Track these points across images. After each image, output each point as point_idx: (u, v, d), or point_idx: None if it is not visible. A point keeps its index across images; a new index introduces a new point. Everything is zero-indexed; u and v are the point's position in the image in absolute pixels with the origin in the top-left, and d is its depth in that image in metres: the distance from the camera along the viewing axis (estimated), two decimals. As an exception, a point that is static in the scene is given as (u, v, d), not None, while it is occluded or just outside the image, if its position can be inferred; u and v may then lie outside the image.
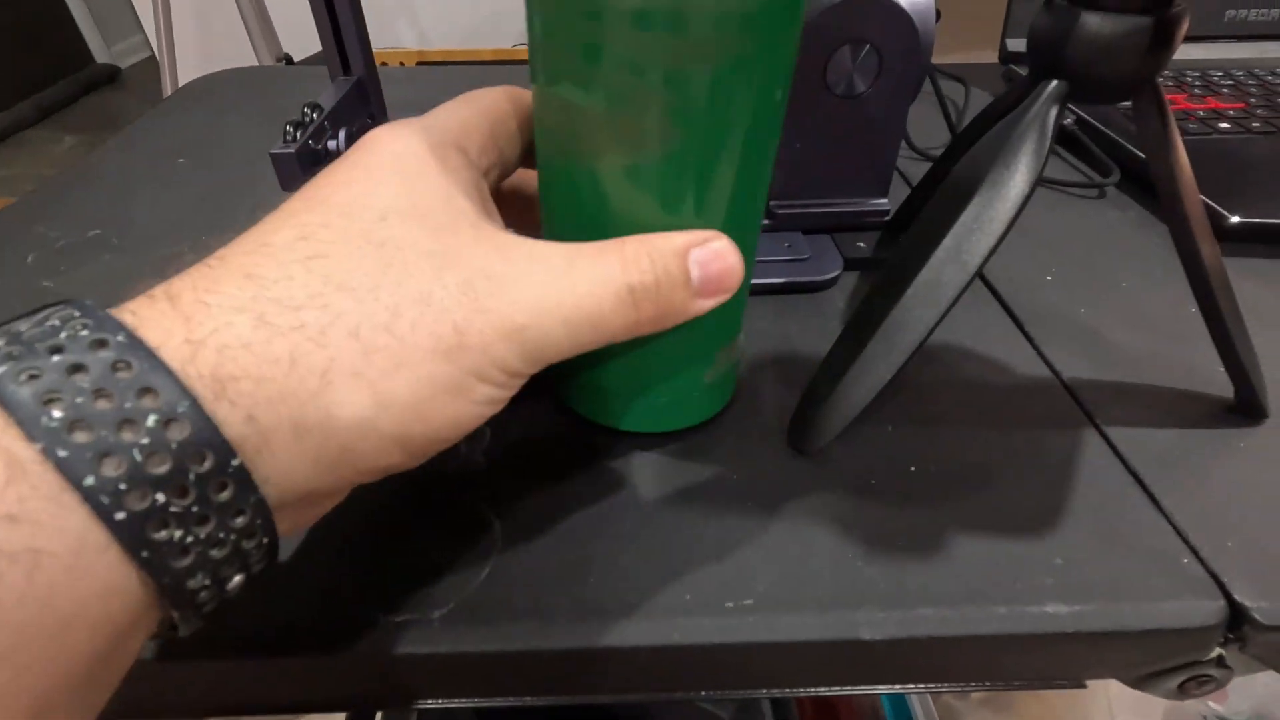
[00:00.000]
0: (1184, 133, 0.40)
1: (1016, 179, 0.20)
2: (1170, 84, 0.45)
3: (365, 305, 0.14)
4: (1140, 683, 0.20)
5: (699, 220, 0.18)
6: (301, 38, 1.64)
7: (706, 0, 0.15)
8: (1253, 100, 0.43)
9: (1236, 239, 0.33)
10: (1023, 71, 0.45)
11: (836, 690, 0.20)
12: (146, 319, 0.13)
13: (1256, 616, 0.18)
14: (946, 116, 0.43)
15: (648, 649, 0.18)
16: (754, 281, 0.30)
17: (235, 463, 0.12)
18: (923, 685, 0.20)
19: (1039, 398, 0.25)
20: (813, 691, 0.21)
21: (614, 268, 0.16)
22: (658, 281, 0.16)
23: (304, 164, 0.31)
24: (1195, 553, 0.20)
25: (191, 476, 0.12)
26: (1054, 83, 0.19)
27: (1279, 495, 0.21)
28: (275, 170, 0.31)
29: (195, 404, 0.12)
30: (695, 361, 0.22)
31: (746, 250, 0.21)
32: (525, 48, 0.19)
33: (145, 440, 0.11)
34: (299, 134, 0.32)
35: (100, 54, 2.90)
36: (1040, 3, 0.20)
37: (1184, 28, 0.18)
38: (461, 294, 0.14)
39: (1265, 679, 0.53)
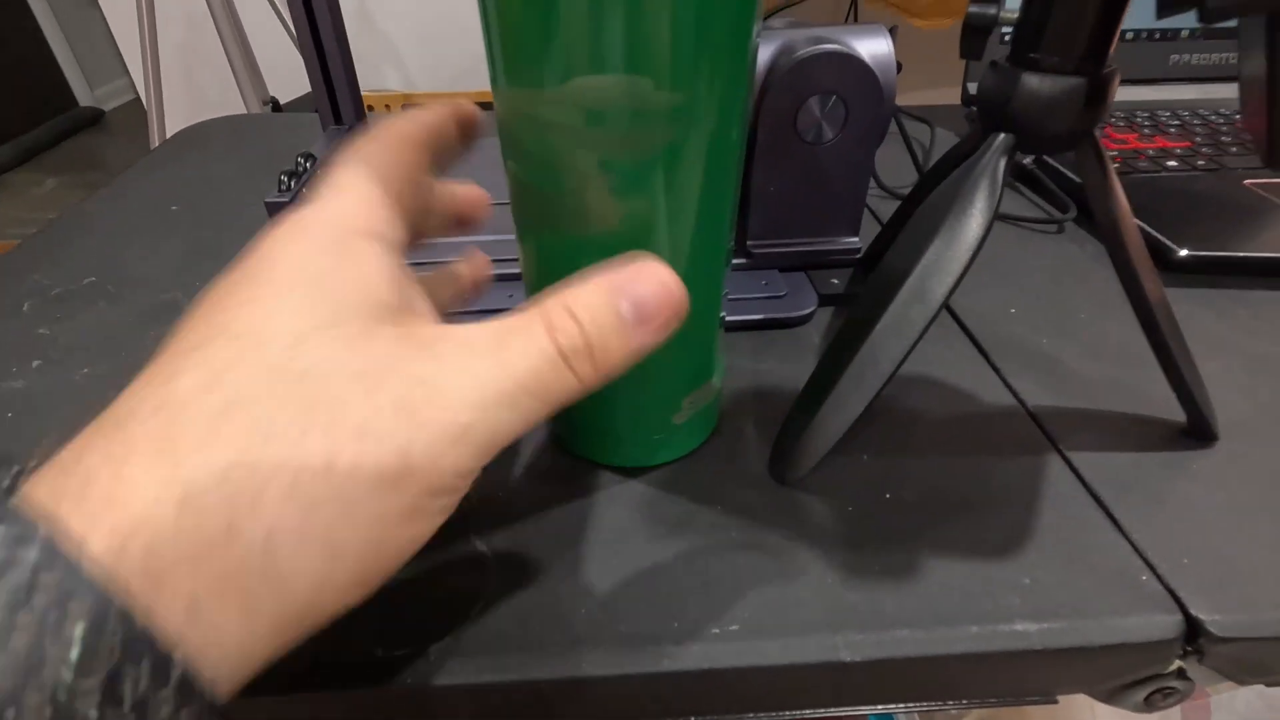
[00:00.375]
0: (1135, 170, 0.42)
1: (972, 224, 0.21)
2: (1122, 124, 0.48)
3: (298, 454, 0.12)
4: (1109, 696, 0.21)
5: (677, 242, 0.20)
6: (287, 81, 1.67)
7: (623, 102, 0.17)
8: (1198, 139, 0.45)
9: (1185, 270, 0.35)
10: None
11: (821, 712, 0.21)
12: (66, 509, 0.11)
13: (1211, 629, 0.20)
14: (913, 156, 0.45)
15: (639, 677, 0.19)
16: (733, 318, 0.32)
17: (176, 673, 0.11)
18: (902, 705, 0.21)
19: (1006, 425, 0.26)
20: (798, 714, 0.21)
21: (541, 337, 0.15)
22: (586, 337, 0.15)
23: (298, 212, 0.32)
24: (1153, 570, 0.21)
25: (127, 687, 0.11)
26: (1002, 136, 0.21)
27: (1230, 513, 0.23)
28: (270, 218, 0.32)
29: (127, 611, 0.11)
30: (661, 408, 0.23)
31: (713, 296, 0.22)
32: None
33: (74, 653, 0.10)
34: (293, 183, 0.33)
35: (84, 97, 2.92)
36: (987, 65, 0.22)
37: (1115, 87, 0.20)
38: (398, 414, 0.13)
39: (1247, 695, 0.54)
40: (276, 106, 1.34)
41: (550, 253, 0.21)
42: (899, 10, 1.30)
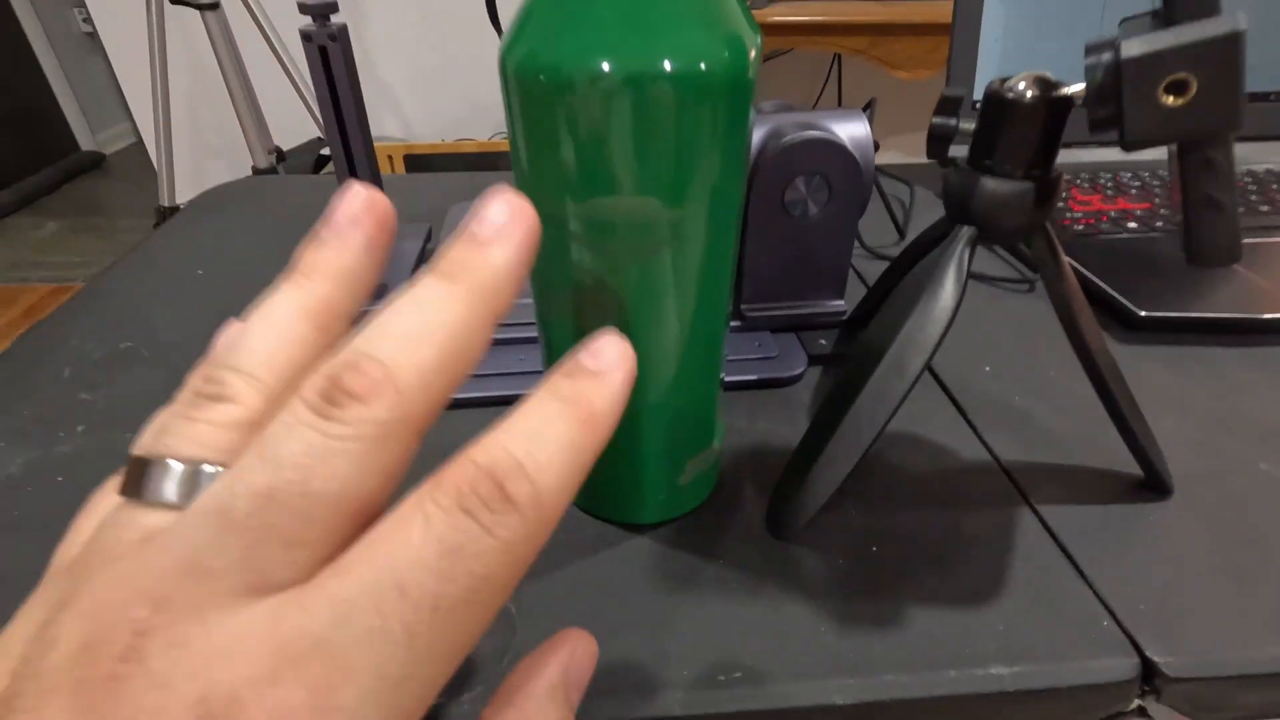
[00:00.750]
0: (1099, 232, 0.45)
1: (942, 304, 0.24)
2: (1086, 186, 0.51)
3: None
4: (1079, 734, 0.23)
5: (670, 346, 0.23)
6: (289, 128, 1.71)
7: (632, 217, 0.20)
8: (1157, 200, 0.49)
9: (1146, 329, 0.38)
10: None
11: (818, 753, 0.23)
12: None
13: (1165, 670, 0.22)
14: (893, 219, 0.48)
15: (652, 721, 0.21)
16: (730, 378, 0.34)
17: None
18: (892, 745, 0.23)
19: (981, 479, 0.29)
20: (797, 755, 0.23)
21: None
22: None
23: (325, 283, 0.35)
24: (1113, 616, 0.23)
25: None
26: (966, 228, 0.24)
27: (1184, 562, 0.25)
28: (300, 289, 0.34)
29: None
30: (667, 471, 0.26)
31: (713, 369, 0.25)
32: (502, 139, 0.23)
33: None
34: (320, 255, 0.36)
35: (85, 141, 2.97)
36: (950, 165, 0.25)
37: (1060, 188, 0.23)
38: None
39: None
40: (281, 156, 1.38)
41: (565, 330, 0.23)
42: (880, 63, 1.36)
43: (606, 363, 0.14)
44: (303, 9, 0.38)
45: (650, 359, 0.23)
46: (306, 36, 0.39)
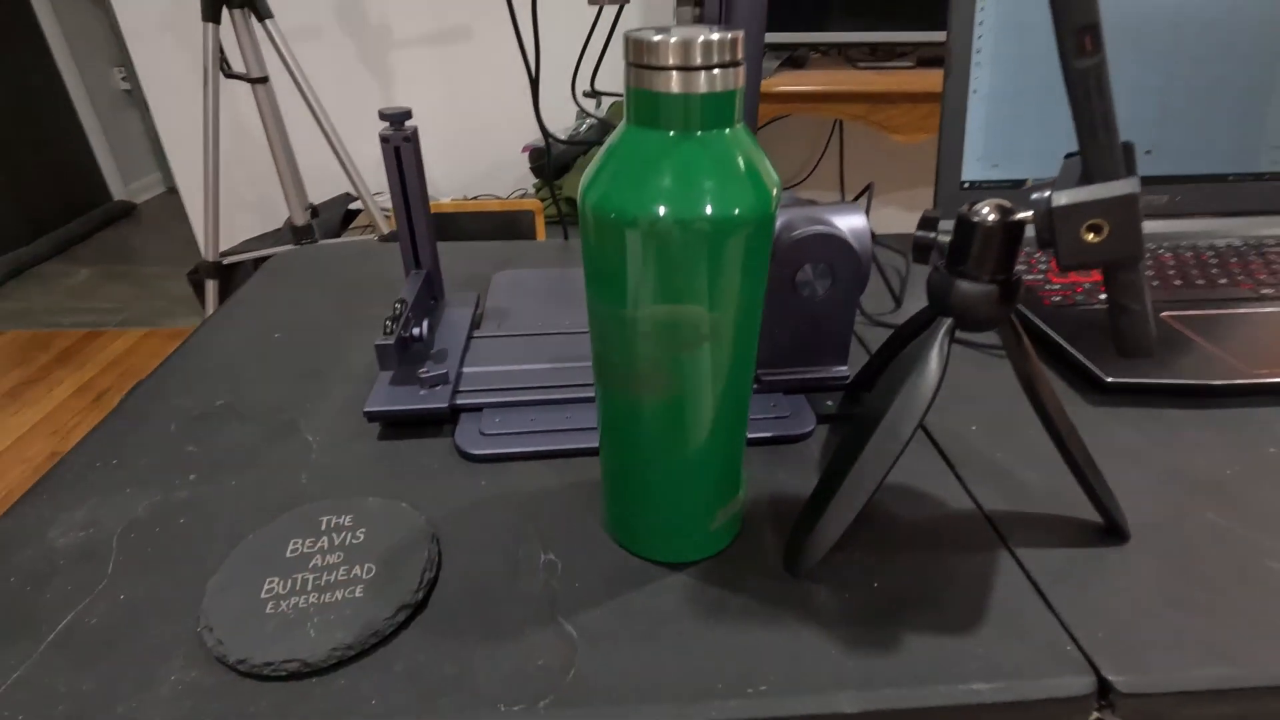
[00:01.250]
0: (1074, 303, 0.51)
1: (927, 382, 0.29)
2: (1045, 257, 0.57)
3: None
4: (1050, 744, 0.28)
5: (706, 414, 0.28)
6: (319, 184, 1.81)
7: (677, 316, 0.25)
8: (1127, 273, 0.55)
9: (1112, 393, 0.43)
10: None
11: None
12: None
13: (1119, 688, 0.26)
14: (890, 289, 0.54)
15: (694, 725, 0.25)
16: (749, 435, 0.39)
17: None
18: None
19: (966, 525, 0.34)
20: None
21: None
22: None
23: (398, 350, 0.41)
24: (1075, 642, 0.28)
25: None
26: (946, 320, 0.30)
27: (1137, 597, 0.30)
28: (378, 357, 0.40)
29: None
30: (701, 518, 0.31)
31: (740, 431, 0.30)
32: (522, 197, 0.29)
33: None
34: (394, 325, 0.41)
35: (118, 191, 3.10)
36: (931, 266, 0.30)
37: (1021, 288, 0.29)
38: None
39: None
40: (315, 212, 1.46)
41: (620, 399, 0.29)
42: (879, 128, 1.45)
43: None
44: (382, 116, 0.45)
45: (690, 425, 0.28)
46: (385, 139, 0.45)
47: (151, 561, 0.32)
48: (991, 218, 0.27)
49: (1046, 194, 0.25)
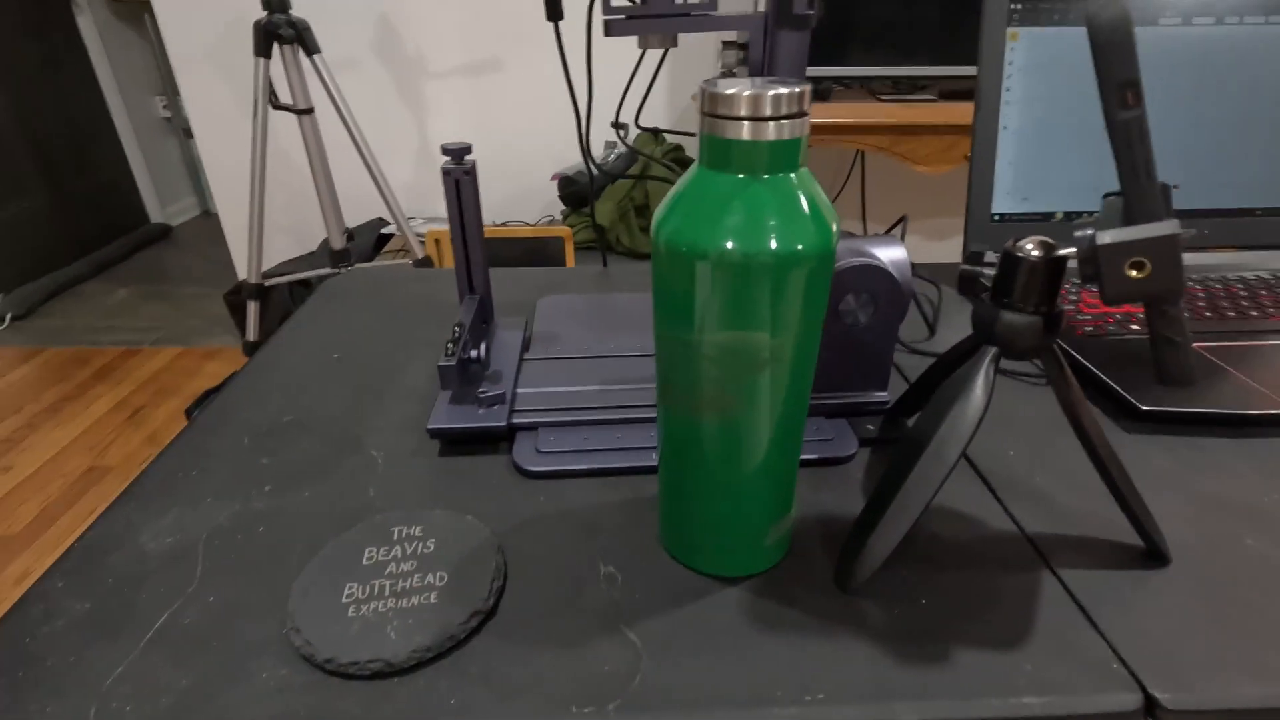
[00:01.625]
0: (1106, 333, 0.52)
1: (973, 407, 0.31)
2: (1095, 290, 0.59)
3: None
4: (1097, 759, 0.29)
5: (764, 435, 0.30)
6: (354, 207, 1.86)
7: (741, 343, 0.27)
8: (1158, 304, 0.56)
9: (1148, 421, 0.44)
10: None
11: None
12: None
13: (1165, 704, 0.27)
14: (924, 318, 0.56)
15: (755, 730, 0.27)
16: (794, 457, 0.41)
17: None
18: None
19: (1009, 546, 0.35)
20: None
21: None
22: None
23: (459, 371, 0.43)
24: (1121, 660, 0.29)
25: None
26: (991, 349, 0.31)
27: (1180, 618, 0.31)
28: (440, 377, 0.42)
29: None
30: (756, 535, 0.32)
31: (794, 452, 0.32)
32: (549, 224, 0.30)
33: None
34: (455, 348, 0.44)
35: (155, 214, 3.20)
36: (976, 296, 0.32)
37: (1064, 319, 0.30)
38: None
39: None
40: (350, 236, 1.51)
41: (683, 420, 0.31)
42: (902, 159, 1.47)
43: None
44: (445, 150, 0.48)
45: (749, 445, 0.30)
46: (446, 171, 0.48)
47: (236, 566, 0.34)
48: (1036, 253, 0.29)
49: (1090, 232, 0.27)
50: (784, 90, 0.25)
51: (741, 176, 0.26)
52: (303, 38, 1.29)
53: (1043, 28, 0.60)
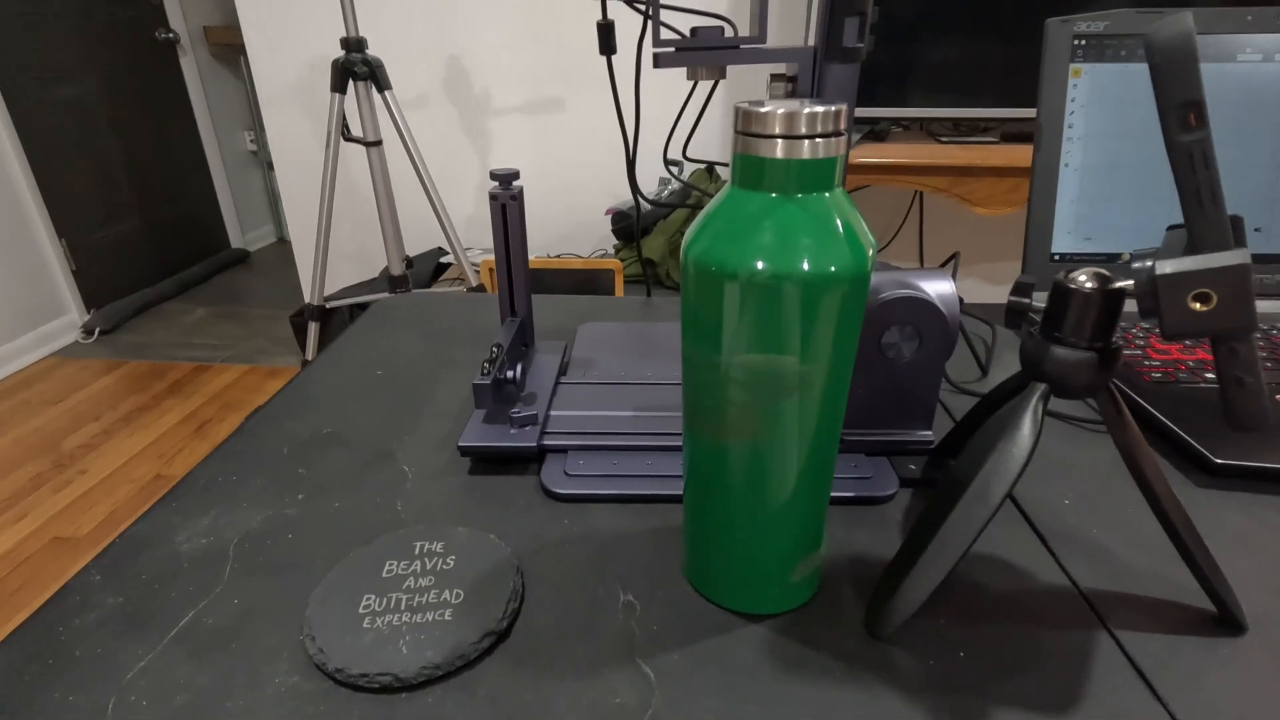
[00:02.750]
0: (1176, 381, 0.49)
1: (1020, 446, 0.29)
2: (1149, 326, 0.55)
3: None
4: (1159, 847, 0.26)
5: (793, 465, 0.28)
6: (415, 236, 1.92)
7: (770, 367, 0.26)
8: (1235, 353, 0.52)
9: (1222, 476, 0.40)
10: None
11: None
12: None
13: (1237, 790, 0.24)
14: (976, 358, 0.53)
15: (771, 780, 0.25)
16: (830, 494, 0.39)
17: None
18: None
19: (1059, 601, 0.32)
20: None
21: None
22: None
23: (494, 391, 0.43)
24: (1186, 735, 0.26)
25: None
26: (1041, 385, 0.29)
27: (1255, 691, 0.28)
28: (475, 396, 0.42)
29: None
30: (783, 570, 0.31)
31: (824, 487, 0.30)
32: (602, 257, 0.30)
33: None
34: (491, 367, 0.44)
35: (235, 240, 3.39)
36: (1024, 330, 0.30)
37: (1120, 357, 0.28)
38: None
39: None
40: (410, 264, 1.57)
41: (708, 446, 0.30)
42: (961, 200, 1.44)
43: None
44: (493, 176, 0.49)
45: (776, 474, 0.29)
46: (494, 196, 0.49)
47: (262, 570, 0.35)
48: (1089, 285, 0.27)
49: (1149, 263, 0.25)
50: (819, 108, 0.24)
51: (774, 196, 0.25)
52: (376, 75, 1.36)
53: (1107, 64, 0.58)
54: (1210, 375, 0.49)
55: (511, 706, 0.28)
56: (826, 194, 0.25)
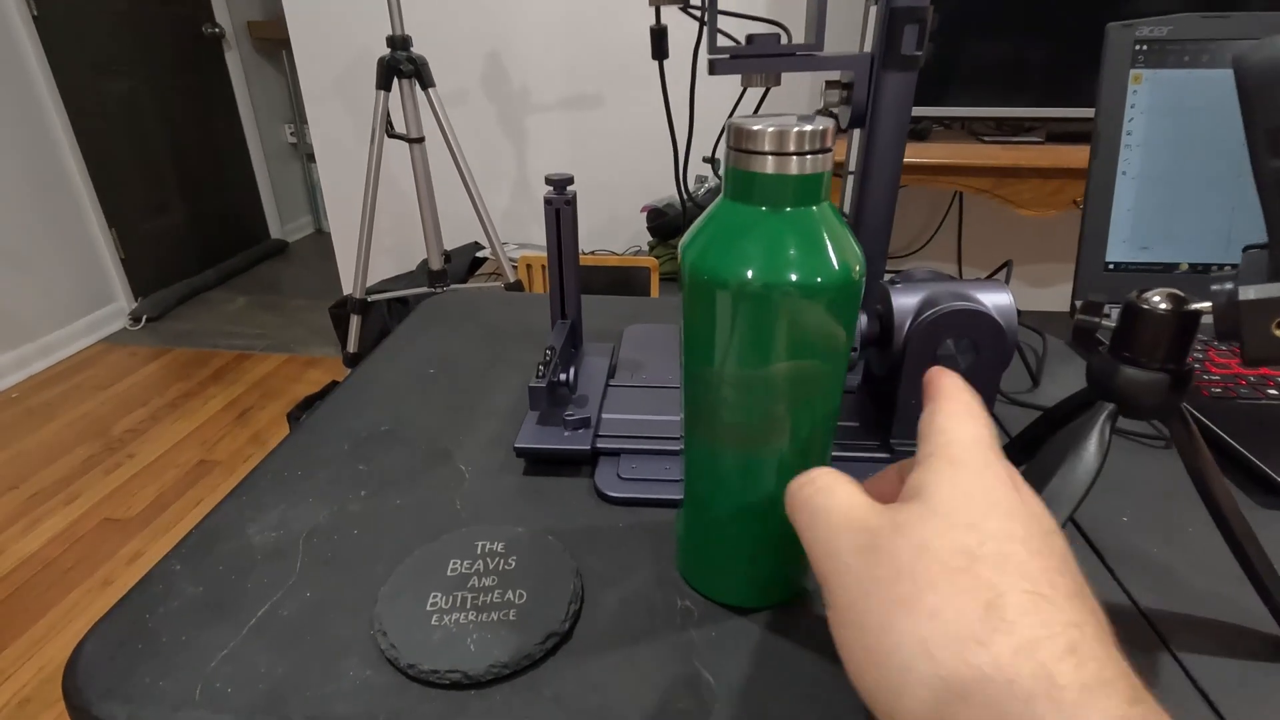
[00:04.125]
0: (1237, 396, 0.48)
1: (1085, 466, 0.29)
2: (1224, 349, 0.54)
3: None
4: None
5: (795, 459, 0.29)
6: (453, 231, 1.95)
7: (760, 371, 0.27)
8: (1300, 369, 0.51)
9: (1288, 497, 0.40)
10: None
11: None
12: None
13: (1308, 820, 0.24)
14: (1028, 368, 0.53)
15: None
16: (882, 505, 0.39)
17: None
18: None
19: (1119, 621, 0.32)
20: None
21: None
22: None
23: (548, 393, 0.44)
24: (1255, 763, 0.26)
25: None
26: (1109, 406, 0.29)
27: (1327, 724, 0.27)
28: (530, 398, 0.43)
29: None
30: (782, 563, 0.32)
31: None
32: (635, 254, 0.30)
33: None
34: (545, 370, 0.45)
35: (275, 231, 3.47)
36: (1093, 350, 0.30)
37: (1193, 378, 0.28)
38: None
39: None
40: (448, 258, 1.59)
41: (703, 448, 0.31)
42: (1004, 201, 1.42)
43: None
44: (548, 181, 0.50)
45: (771, 476, 0.30)
46: (548, 201, 0.50)
47: (331, 564, 0.36)
48: (1164, 306, 0.27)
49: (1229, 285, 0.25)
50: (808, 127, 0.25)
51: (764, 209, 0.26)
52: (420, 73, 1.38)
53: (1170, 70, 0.57)
54: (1273, 391, 0.48)
55: (576, 707, 0.28)
56: (814, 208, 0.26)
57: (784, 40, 0.46)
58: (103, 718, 0.28)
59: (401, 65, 1.36)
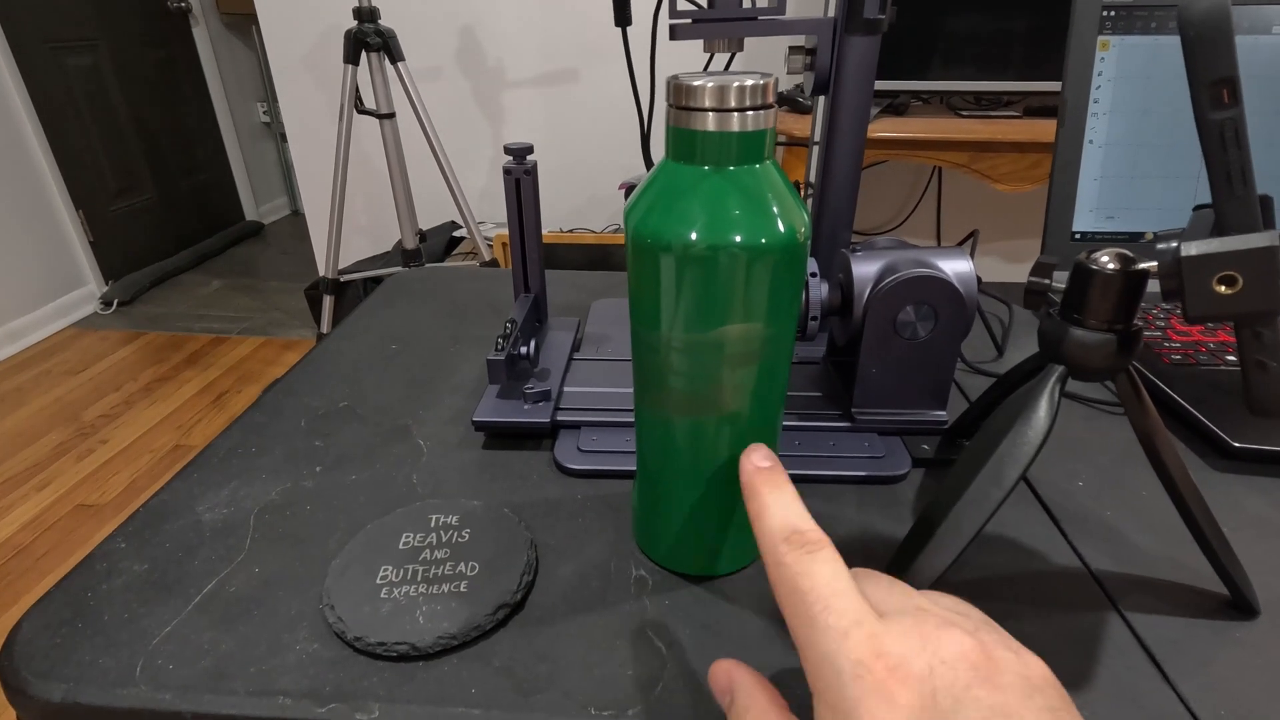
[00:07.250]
0: (1196, 363, 0.48)
1: (1035, 428, 0.29)
2: (1172, 309, 0.54)
3: None
4: (1162, 824, 0.26)
5: (746, 422, 0.29)
6: (428, 210, 1.92)
7: (706, 335, 0.27)
8: (1259, 335, 0.51)
9: (1240, 459, 0.40)
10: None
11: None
12: None
13: (1243, 771, 0.25)
14: (993, 338, 0.53)
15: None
16: (840, 473, 0.39)
17: None
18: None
19: (1070, 583, 0.32)
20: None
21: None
22: None
23: (507, 366, 0.43)
24: (1195, 717, 0.26)
25: None
26: (1058, 368, 0.29)
27: (1266, 675, 0.28)
28: (489, 371, 0.42)
29: None
30: (733, 529, 0.32)
31: (772, 440, 0.31)
32: (615, 232, 0.30)
33: None
34: (505, 343, 0.44)
35: (250, 212, 3.40)
36: (1043, 311, 0.30)
37: (1141, 339, 0.28)
38: None
39: None
40: (423, 237, 1.56)
41: (654, 414, 0.31)
42: (981, 176, 1.42)
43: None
44: (507, 150, 0.49)
45: (723, 442, 0.29)
46: (507, 171, 0.49)
47: (282, 540, 0.35)
48: (1111, 266, 0.27)
49: (1174, 244, 0.25)
50: (749, 82, 0.25)
51: (707, 169, 0.26)
52: (389, 46, 1.35)
53: (1137, 36, 0.56)
54: (1231, 358, 0.49)
55: (525, 676, 0.28)
56: (758, 166, 0.26)
57: (746, 4, 0.45)
58: (39, 697, 0.28)
59: (369, 38, 1.33)
